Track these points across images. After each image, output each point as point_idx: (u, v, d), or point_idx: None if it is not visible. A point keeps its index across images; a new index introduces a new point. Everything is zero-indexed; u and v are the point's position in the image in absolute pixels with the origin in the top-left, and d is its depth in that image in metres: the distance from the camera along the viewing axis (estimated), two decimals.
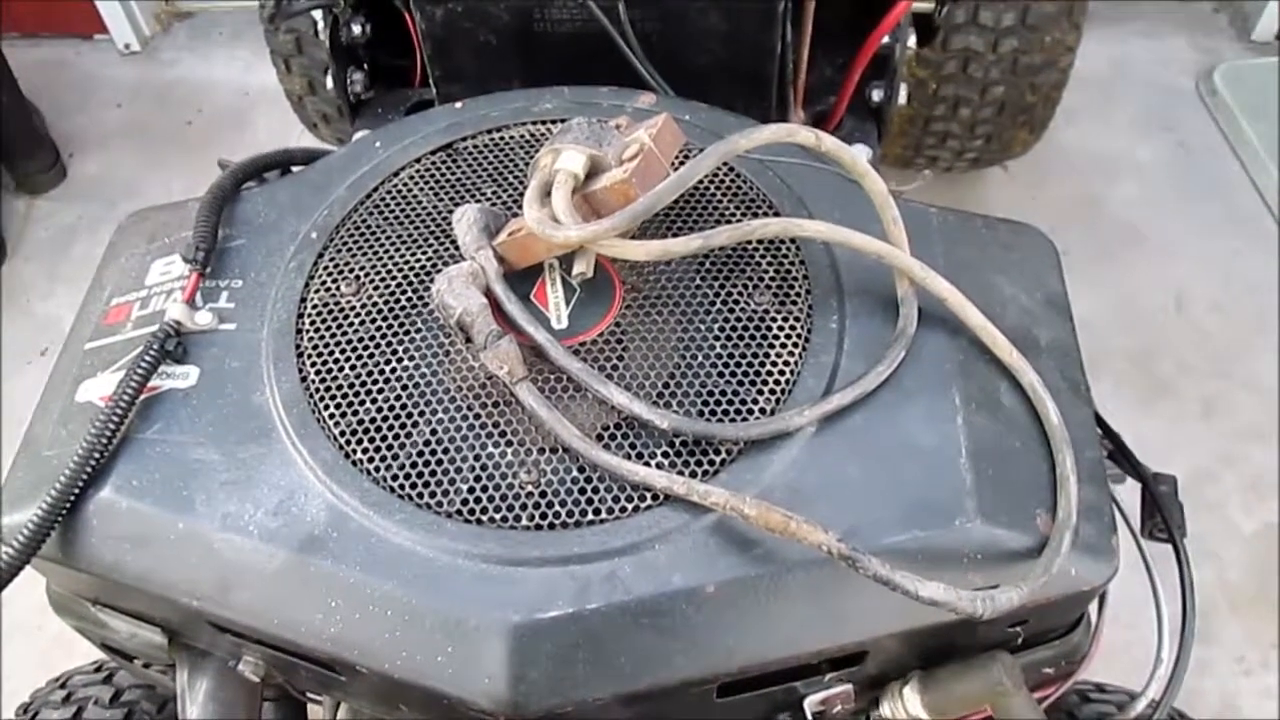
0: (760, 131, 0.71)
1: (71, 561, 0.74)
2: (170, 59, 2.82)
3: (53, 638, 1.74)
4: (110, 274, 0.88)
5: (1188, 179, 2.45)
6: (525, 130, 0.91)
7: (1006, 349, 0.76)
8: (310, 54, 1.89)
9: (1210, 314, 2.20)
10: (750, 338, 0.76)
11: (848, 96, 1.21)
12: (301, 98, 2.04)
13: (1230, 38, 2.74)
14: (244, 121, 2.64)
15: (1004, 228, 0.87)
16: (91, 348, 0.82)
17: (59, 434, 0.78)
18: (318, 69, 1.92)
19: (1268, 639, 1.80)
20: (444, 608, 0.66)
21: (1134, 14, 2.73)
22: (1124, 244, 2.31)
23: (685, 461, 0.71)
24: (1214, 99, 2.58)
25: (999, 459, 0.72)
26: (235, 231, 0.86)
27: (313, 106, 2.05)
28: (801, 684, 0.74)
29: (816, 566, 0.67)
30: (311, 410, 0.74)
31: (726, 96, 0.99)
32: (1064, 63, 1.94)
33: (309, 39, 1.85)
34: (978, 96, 1.94)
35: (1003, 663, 0.72)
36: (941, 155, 2.14)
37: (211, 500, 0.72)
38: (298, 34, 1.87)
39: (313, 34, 1.84)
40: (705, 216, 0.83)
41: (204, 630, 0.76)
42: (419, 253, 0.82)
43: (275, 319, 0.79)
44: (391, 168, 0.88)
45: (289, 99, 2.08)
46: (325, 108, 2.02)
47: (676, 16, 1.04)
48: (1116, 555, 0.73)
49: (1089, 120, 2.52)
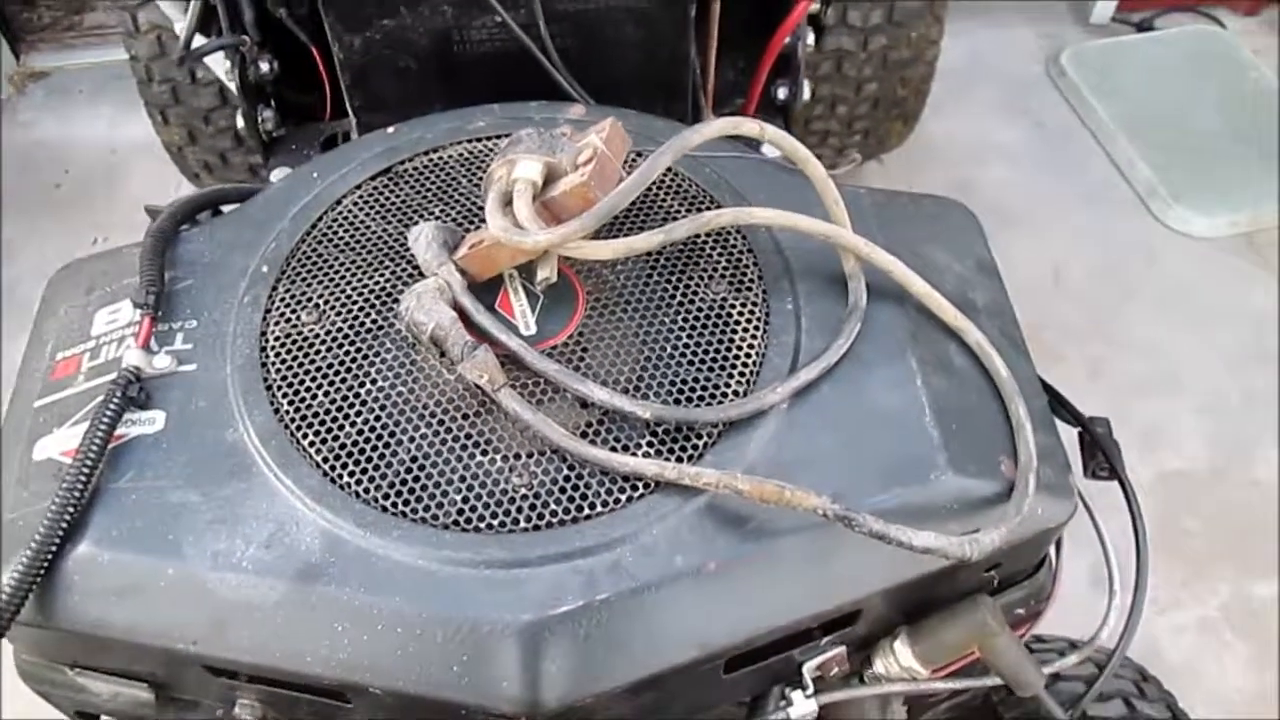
0: (709, 126, 0.74)
1: (52, 623, 0.71)
2: (29, 120, 2.72)
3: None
4: (50, 328, 0.85)
5: (1048, 157, 2.60)
6: (462, 149, 0.92)
7: (951, 313, 0.80)
8: (188, 103, 1.85)
9: (1085, 281, 2.33)
10: (713, 326, 0.79)
11: (756, 95, 1.25)
12: (181, 148, 2.00)
13: (1071, 23, 2.92)
14: (115, 178, 2.56)
15: (928, 202, 0.93)
16: (42, 404, 0.80)
17: (21, 496, 0.75)
18: (197, 118, 1.89)
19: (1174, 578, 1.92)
20: (454, 617, 0.67)
21: (984, 9, 2.88)
22: (1000, 224, 2.42)
23: (669, 449, 0.73)
24: (1063, 80, 2.74)
25: (959, 414, 0.77)
26: (181, 273, 0.85)
27: (194, 156, 2.01)
28: (798, 651, 0.76)
29: (808, 533, 0.70)
30: (290, 440, 0.74)
31: (645, 103, 1.02)
32: (930, 55, 2.05)
33: (185, 88, 1.82)
34: (853, 94, 2.02)
35: (986, 605, 0.76)
36: (823, 153, 2.21)
37: (199, 541, 0.70)
38: (174, 83, 1.83)
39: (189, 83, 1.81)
40: (653, 215, 0.85)
41: (196, 678, 0.75)
42: (375, 275, 0.82)
43: (238, 355, 0.78)
44: (333, 196, 0.88)
45: (168, 150, 2.03)
46: (207, 156, 1.98)
47: (593, 29, 1.07)
48: (1075, 493, 0.78)
49: (952, 110, 2.64)
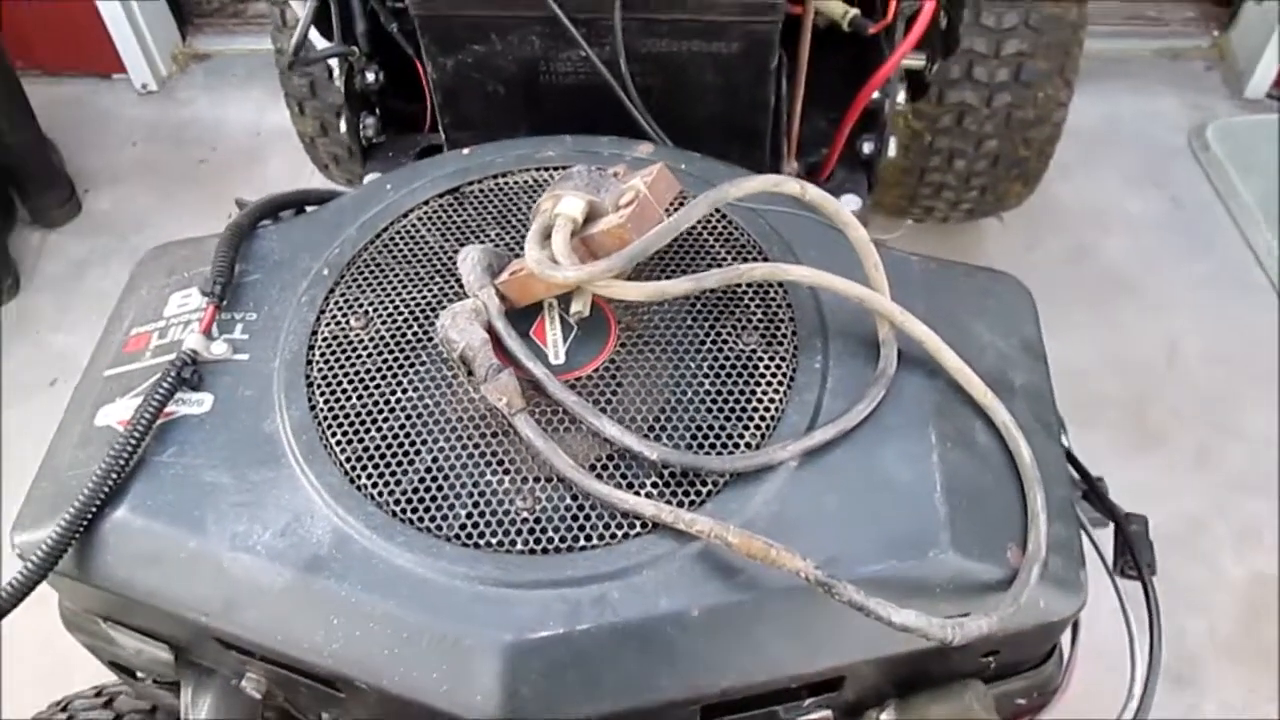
0: (749, 181, 0.75)
1: (86, 577, 0.77)
2: (186, 99, 2.89)
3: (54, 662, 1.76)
4: (130, 305, 0.92)
5: (1180, 233, 2.49)
6: (528, 176, 0.96)
7: (981, 390, 0.79)
8: (323, 98, 1.94)
9: (1202, 366, 2.23)
10: (738, 376, 0.80)
11: (839, 149, 1.26)
12: (313, 139, 2.10)
13: (1223, 95, 2.79)
14: (255, 161, 2.70)
15: (983, 275, 0.91)
16: (111, 374, 0.86)
17: (78, 456, 0.82)
18: (330, 112, 1.98)
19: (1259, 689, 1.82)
20: (440, 626, 0.69)
21: (1125, 71, 2.80)
22: (1117, 295, 2.35)
23: (674, 492, 0.74)
24: (1206, 155, 2.63)
25: (972, 494, 0.76)
26: (251, 267, 0.90)
27: (324, 148, 2.11)
28: (782, 709, 0.76)
29: (796, 594, 0.70)
30: (319, 437, 0.78)
31: (722, 147, 1.03)
32: (1056, 117, 2.00)
33: (323, 83, 1.91)
34: (972, 149, 1.99)
35: (974, 691, 0.75)
36: (937, 206, 2.19)
37: (222, 521, 0.75)
38: (312, 79, 1.93)
39: (326, 79, 1.90)
40: (698, 261, 0.87)
41: (209, 647, 0.80)
42: (425, 290, 0.86)
43: (287, 350, 0.83)
44: (401, 209, 0.93)
45: (301, 140, 2.14)
46: (336, 149, 2.08)
47: (675, 71, 1.09)
48: (1084, 588, 0.76)
49: (1083, 174, 2.57)
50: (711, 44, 1.06)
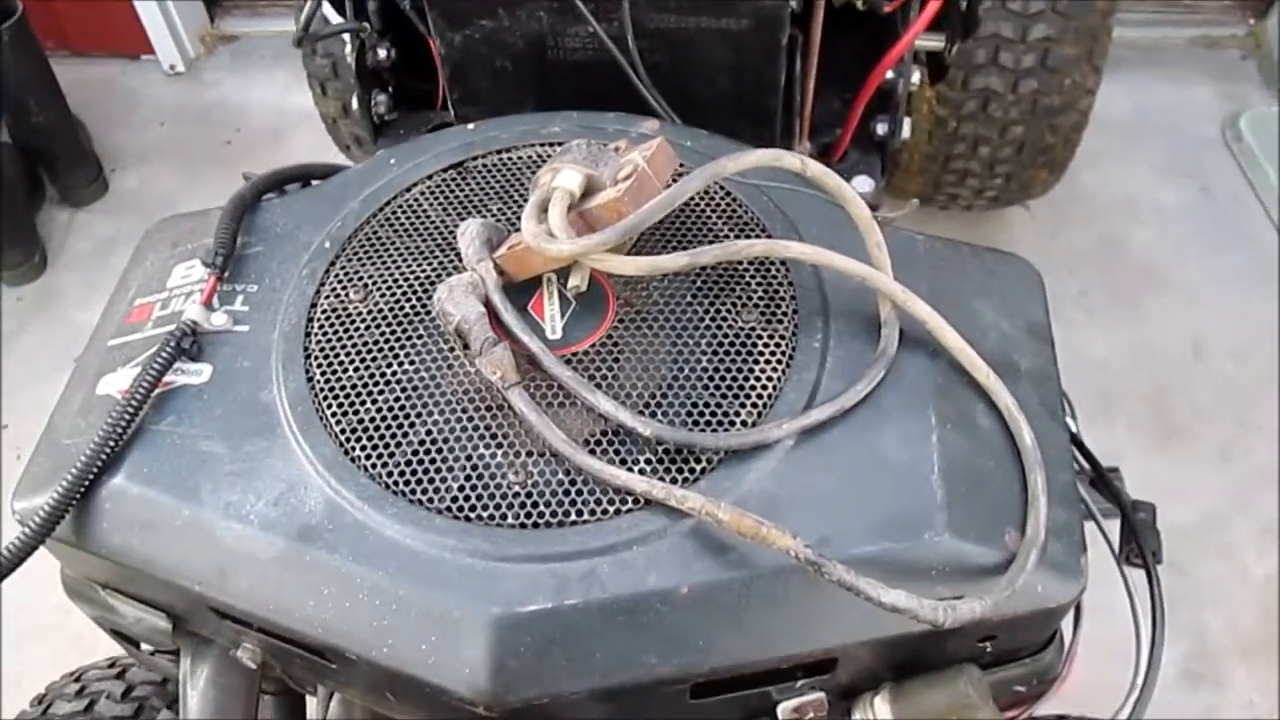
0: (748, 155, 0.74)
1: (84, 544, 0.77)
2: (212, 80, 2.91)
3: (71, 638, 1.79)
4: (135, 275, 0.92)
5: (1209, 224, 2.45)
6: (533, 151, 0.95)
7: (984, 372, 0.78)
8: (345, 78, 1.95)
9: (1229, 360, 2.20)
10: (736, 353, 0.79)
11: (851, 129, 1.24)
12: (336, 120, 2.11)
13: (1258, 85, 2.74)
14: (280, 141, 2.72)
15: (990, 256, 0.90)
16: (114, 344, 0.87)
17: (78, 424, 0.82)
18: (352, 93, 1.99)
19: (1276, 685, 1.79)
20: (429, 599, 0.69)
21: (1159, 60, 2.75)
22: (1144, 287, 2.32)
23: (667, 469, 0.73)
24: (1239, 145, 2.59)
25: (971, 477, 0.74)
26: (254, 239, 0.90)
27: (346, 129, 2.12)
28: (775, 689, 0.76)
29: (787, 573, 0.69)
30: (315, 409, 0.78)
31: (732, 126, 1.02)
32: (1083, 104, 1.97)
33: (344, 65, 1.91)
34: (997, 136, 1.97)
35: (969, 676, 0.74)
36: (961, 193, 2.16)
37: (216, 490, 0.75)
38: (334, 59, 1.94)
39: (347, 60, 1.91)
40: (699, 236, 0.86)
41: (206, 616, 0.80)
42: (425, 264, 0.86)
43: (286, 322, 0.83)
44: (404, 183, 0.92)
45: (324, 121, 2.15)
46: (358, 130, 2.08)
47: (684, 47, 1.08)
48: (1084, 574, 0.75)
49: (1112, 163, 2.54)
50: (721, 20, 1.05)
